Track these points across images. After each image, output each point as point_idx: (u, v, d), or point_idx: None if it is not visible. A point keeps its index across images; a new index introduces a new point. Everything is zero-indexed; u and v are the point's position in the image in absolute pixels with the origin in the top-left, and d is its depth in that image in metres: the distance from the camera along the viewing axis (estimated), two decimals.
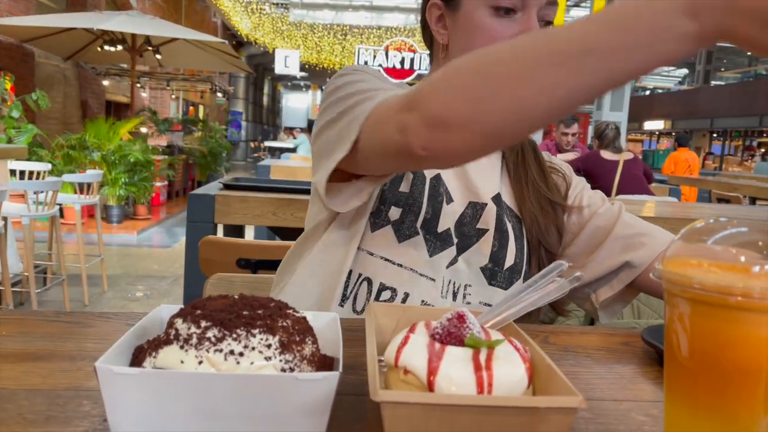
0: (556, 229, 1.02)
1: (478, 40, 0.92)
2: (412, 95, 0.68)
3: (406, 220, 0.93)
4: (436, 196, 0.95)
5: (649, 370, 0.71)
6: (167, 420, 0.48)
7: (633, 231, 0.99)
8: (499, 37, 0.90)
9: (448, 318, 0.53)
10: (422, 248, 0.93)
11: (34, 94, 6.13)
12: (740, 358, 0.43)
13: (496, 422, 0.44)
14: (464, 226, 0.96)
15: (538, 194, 1.03)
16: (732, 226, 0.46)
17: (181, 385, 0.47)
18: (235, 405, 0.48)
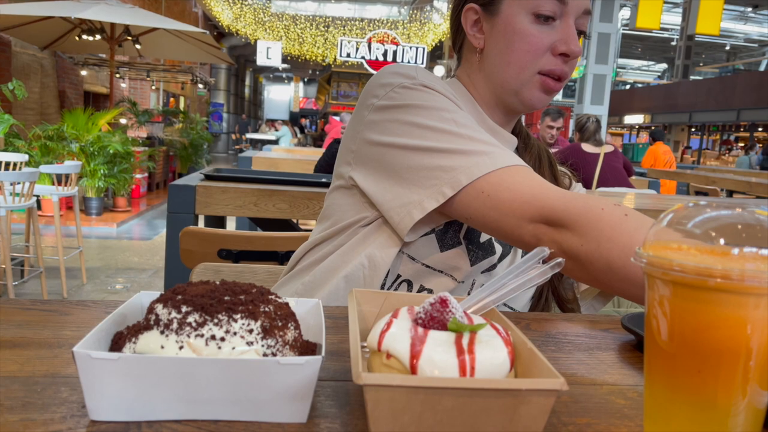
0: None
1: (517, 45, 0.93)
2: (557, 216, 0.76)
3: (450, 230, 0.93)
4: None
5: (629, 355, 0.72)
6: (147, 406, 0.48)
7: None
8: (538, 44, 0.91)
9: (431, 303, 0.53)
10: (464, 258, 0.94)
11: (11, 84, 6.01)
12: (719, 340, 0.44)
13: (478, 404, 0.45)
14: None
15: None
16: (711, 210, 0.46)
17: (161, 370, 0.47)
18: (217, 390, 0.48)
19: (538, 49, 0.92)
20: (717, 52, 27.90)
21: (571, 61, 0.95)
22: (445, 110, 0.88)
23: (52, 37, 8.40)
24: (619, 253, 0.72)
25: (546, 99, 0.97)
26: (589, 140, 4.55)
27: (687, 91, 22.31)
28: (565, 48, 0.92)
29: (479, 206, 0.81)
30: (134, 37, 8.45)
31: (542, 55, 0.93)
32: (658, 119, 24.82)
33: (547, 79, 0.94)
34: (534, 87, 0.95)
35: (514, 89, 0.96)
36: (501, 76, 0.97)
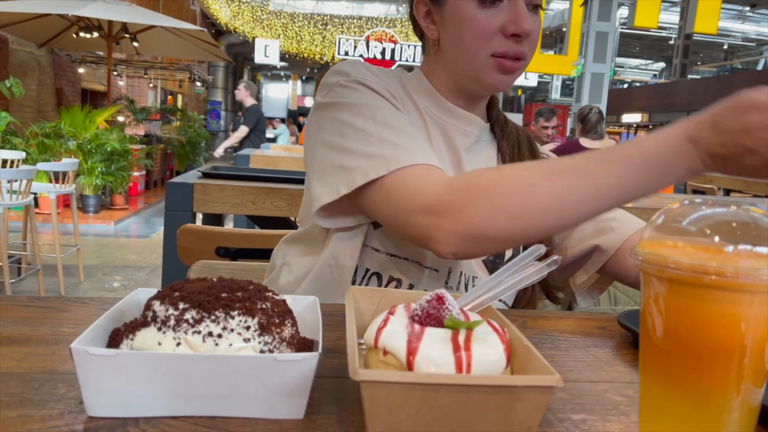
0: None
1: (466, 33, 0.92)
2: (439, 203, 0.75)
3: None
4: None
5: (625, 352, 0.72)
6: (144, 402, 0.48)
7: (604, 215, 0.99)
8: (486, 28, 0.90)
9: (427, 300, 0.53)
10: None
11: (8, 81, 6.00)
12: (713, 337, 0.44)
13: (474, 401, 0.45)
14: None
15: None
16: (706, 207, 0.47)
17: (158, 367, 0.47)
18: (214, 386, 0.48)
19: (487, 34, 0.91)
20: (715, 51, 27.94)
21: (526, 39, 0.93)
22: (367, 107, 0.89)
23: (49, 35, 8.38)
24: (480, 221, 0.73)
25: (508, 79, 0.96)
26: (590, 132, 4.51)
27: (685, 90, 22.33)
28: (514, 28, 0.91)
29: (375, 203, 0.83)
30: (132, 34, 8.43)
31: (492, 38, 0.91)
32: (656, 118, 24.84)
33: (503, 60, 0.93)
34: (491, 70, 0.94)
35: (473, 76, 0.96)
36: (457, 64, 0.97)
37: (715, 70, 27.98)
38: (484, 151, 1.04)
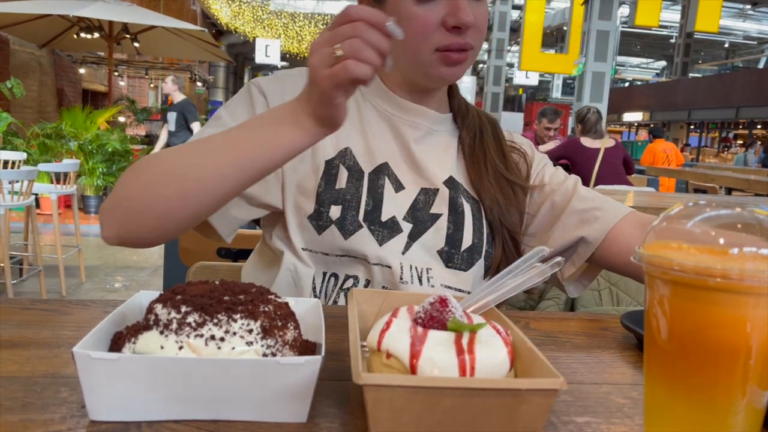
0: (517, 210, 1.02)
1: (407, 31, 0.88)
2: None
3: (348, 216, 0.93)
4: (377, 188, 0.95)
5: (629, 354, 0.72)
6: (146, 406, 0.48)
7: (587, 205, 0.99)
8: (425, 23, 0.89)
9: (430, 302, 0.53)
10: (370, 239, 0.93)
11: (9, 82, 6.01)
12: (719, 340, 0.44)
13: (478, 404, 0.45)
14: (418, 211, 0.97)
15: (497, 175, 1.03)
16: (711, 209, 0.46)
17: (160, 371, 0.47)
18: (217, 390, 0.48)
19: (427, 29, 0.90)
20: (716, 49, 27.90)
21: (470, 30, 0.91)
22: (227, 107, 0.96)
23: (50, 35, 8.38)
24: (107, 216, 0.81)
25: (456, 71, 0.95)
26: (590, 132, 4.51)
27: (686, 89, 22.30)
28: (453, 21, 0.89)
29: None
30: (132, 35, 8.43)
31: (433, 32, 0.90)
32: (657, 117, 24.82)
33: (448, 53, 0.92)
34: (438, 64, 0.93)
35: (420, 71, 0.95)
36: (403, 62, 0.96)
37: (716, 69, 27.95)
38: (440, 142, 1.03)
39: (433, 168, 1.00)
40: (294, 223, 0.94)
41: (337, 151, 0.97)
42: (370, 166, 0.97)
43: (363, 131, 1.00)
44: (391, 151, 0.99)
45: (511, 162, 1.06)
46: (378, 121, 1.01)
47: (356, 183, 0.95)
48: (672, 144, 8.54)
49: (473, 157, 1.04)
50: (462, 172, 1.03)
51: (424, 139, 1.01)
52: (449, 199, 0.98)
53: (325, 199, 0.93)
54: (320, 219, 0.93)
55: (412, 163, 0.99)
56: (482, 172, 1.03)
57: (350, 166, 0.96)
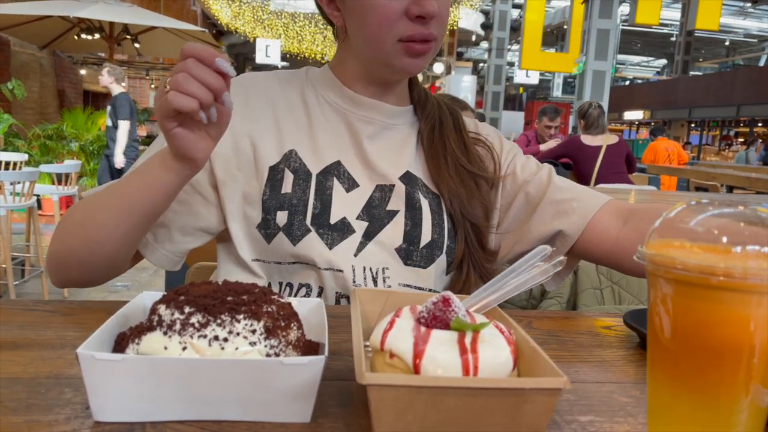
0: (481, 203, 0.99)
1: (369, 19, 0.89)
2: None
3: (295, 221, 0.91)
4: (325, 189, 0.93)
5: (632, 353, 0.72)
6: (151, 406, 0.48)
7: (564, 196, 0.98)
8: (389, 12, 0.87)
9: (433, 302, 0.53)
10: (319, 243, 0.91)
11: (10, 84, 6.02)
12: (722, 338, 0.44)
13: (481, 404, 0.45)
14: (374, 209, 0.95)
15: (458, 167, 1.00)
16: (713, 208, 0.46)
17: (164, 371, 0.47)
18: (220, 390, 0.48)
19: (390, 18, 0.88)
20: (716, 47, 27.88)
21: (434, 21, 0.89)
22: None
23: (50, 37, 8.39)
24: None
25: (418, 62, 0.93)
26: (592, 127, 4.47)
27: (686, 87, 22.28)
28: (417, 10, 0.87)
29: None
30: (133, 35, 8.44)
31: (397, 22, 0.88)
32: (658, 115, 24.80)
33: (411, 44, 0.90)
34: (400, 55, 0.91)
35: (383, 62, 0.93)
36: (365, 52, 0.94)
37: (716, 67, 27.92)
38: (397, 136, 1.01)
39: (388, 164, 0.98)
40: (241, 235, 0.93)
41: (281, 155, 0.94)
42: (318, 166, 0.95)
43: (311, 131, 0.97)
44: (344, 148, 0.97)
45: (473, 154, 1.04)
46: (332, 117, 0.99)
47: (303, 186, 0.93)
48: (675, 142, 8.52)
49: (432, 149, 1.01)
50: (421, 166, 1.01)
51: (378, 135, 0.99)
52: (405, 194, 0.96)
53: (270, 205, 0.91)
54: (268, 227, 0.91)
55: (365, 160, 0.97)
56: (441, 164, 1.00)
57: (296, 168, 0.94)
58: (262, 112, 0.97)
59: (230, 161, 0.93)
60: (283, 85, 1.01)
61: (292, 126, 0.97)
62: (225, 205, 0.93)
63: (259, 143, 0.94)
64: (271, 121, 0.96)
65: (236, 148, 0.94)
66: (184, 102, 0.68)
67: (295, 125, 0.97)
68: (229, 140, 0.92)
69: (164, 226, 0.90)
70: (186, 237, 0.94)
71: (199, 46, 0.69)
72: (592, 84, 11.06)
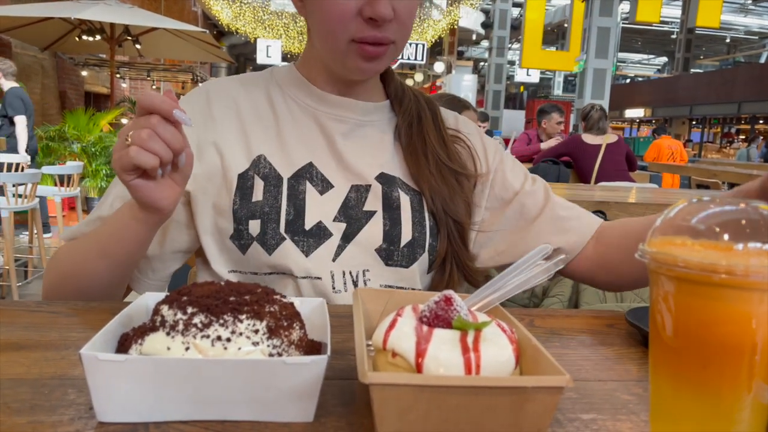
0: (463, 200, 0.97)
1: (323, 15, 0.87)
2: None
3: (269, 230, 0.88)
4: (297, 194, 0.90)
5: (634, 350, 0.72)
6: (154, 407, 0.48)
7: (564, 213, 0.97)
8: (342, 10, 0.84)
9: (435, 301, 0.53)
10: (295, 251, 0.88)
11: None
12: (724, 335, 0.44)
13: (484, 402, 0.45)
14: (351, 209, 0.92)
15: (439, 164, 0.97)
16: (715, 205, 0.46)
17: (167, 372, 0.47)
18: (224, 391, 0.48)
19: (344, 17, 0.84)
20: (717, 44, 27.84)
21: (391, 24, 0.85)
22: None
23: (52, 38, 8.39)
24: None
25: (371, 66, 0.89)
26: (593, 128, 4.51)
27: (687, 85, 22.26)
28: (369, 11, 0.83)
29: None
30: (134, 37, 8.44)
31: (350, 21, 0.84)
32: (659, 113, 24.78)
33: (363, 46, 0.86)
34: (353, 56, 0.88)
35: (338, 62, 0.90)
36: (322, 48, 0.91)
37: (717, 64, 27.89)
38: (372, 133, 0.98)
39: (363, 163, 0.95)
40: (216, 249, 0.91)
41: (250, 162, 0.91)
42: (289, 170, 0.92)
43: (280, 133, 0.94)
44: (317, 149, 0.94)
45: (453, 152, 1.01)
46: (301, 117, 0.96)
47: (274, 192, 0.90)
48: (678, 141, 8.54)
49: (411, 146, 0.98)
50: (400, 163, 0.98)
51: (352, 133, 0.96)
52: (382, 194, 0.94)
53: (242, 215, 0.89)
54: (241, 237, 0.88)
55: (339, 160, 0.94)
56: (421, 161, 0.97)
57: (266, 174, 0.91)
58: (227, 118, 0.94)
59: (198, 174, 0.90)
60: (248, 88, 0.98)
61: (259, 130, 0.94)
62: (197, 220, 0.91)
63: (225, 151, 0.91)
64: (236, 126, 0.94)
65: (203, 160, 0.91)
66: (147, 159, 0.69)
67: (263, 129, 0.94)
68: (195, 152, 0.89)
69: (144, 257, 0.89)
70: (166, 263, 0.94)
71: (159, 98, 0.70)
72: (592, 82, 11.06)
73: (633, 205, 2.48)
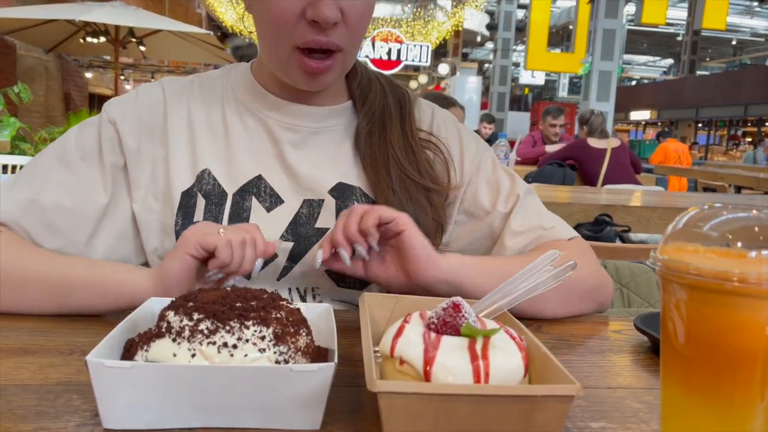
0: (432, 218, 0.88)
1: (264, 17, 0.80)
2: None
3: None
4: (241, 212, 0.85)
5: (643, 357, 0.71)
6: (160, 414, 0.48)
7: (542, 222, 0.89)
8: (282, 12, 0.76)
9: (443, 307, 0.52)
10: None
11: (16, 87, 6.04)
12: (737, 343, 0.43)
13: (493, 411, 0.44)
14: (300, 227, 0.85)
15: (404, 179, 0.87)
16: (727, 212, 0.46)
17: (173, 379, 0.47)
18: (230, 398, 0.47)
19: (285, 19, 0.76)
20: (723, 46, 27.77)
21: (338, 28, 0.77)
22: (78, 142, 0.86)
23: (56, 40, 8.42)
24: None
25: (314, 81, 0.81)
26: (594, 134, 4.51)
27: (693, 87, 22.21)
28: (312, 13, 0.75)
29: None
30: (138, 38, 8.46)
31: (293, 25, 0.76)
32: (665, 115, 24.72)
33: (304, 59, 0.78)
34: (296, 68, 0.80)
35: (280, 69, 0.83)
36: (265, 54, 0.84)
37: (723, 66, 27.81)
38: (328, 141, 0.90)
39: (317, 175, 0.87)
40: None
41: (194, 177, 0.85)
42: (234, 185, 0.85)
43: (228, 144, 0.87)
44: (265, 160, 0.87)
45: (423, 161, 0.90)
46: (252, 124, 0.89)
47: (215, 211, 0.84)
48: (684, 145, 8.55)
49: (371, 158, 0.89)
50: (358, 175, 0.89)
51: (305, 142, 0.89)
52: (336, 210, 0.86)
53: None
54: None
55: (290, 172, 0.87)
56: (381, 176, 0.87)
57: (208, 191, 0.85)
58: (178, 127, 0.88)
59: (148, 191, 0.86)
60: (204, 92, 0.91)
61: (207, 141, 0.88)
62: (144, 240, 0.86)
63: (171, 165, 0.86)
64: (185, 137, 0.88)
65: (153, 176, 0.86)
66: (226, 255, 0.69)
67: (211, 140, 0.88)
68: (147, 168, 0.86)
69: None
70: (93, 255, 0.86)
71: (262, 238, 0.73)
72: (598, 84, 11.04)
73: (638, 208, 2.47)
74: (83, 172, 0.85)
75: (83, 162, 0.85)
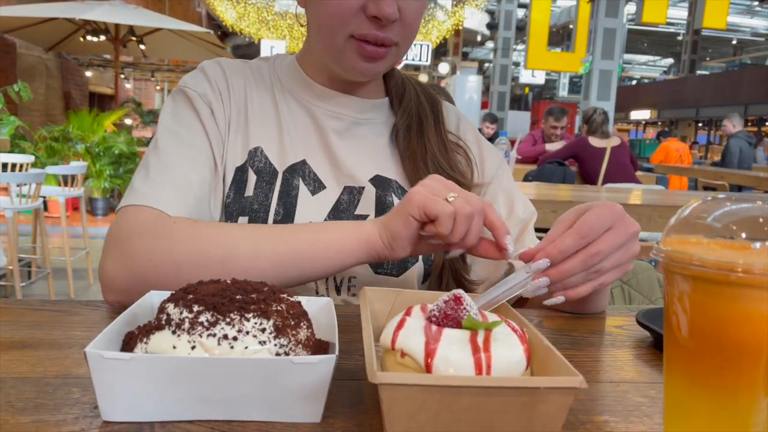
0: None
1: (323, 8, 0.83)
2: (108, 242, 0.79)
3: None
4: (290, 191, 0.87)
5: (645, 352, 0.71)
6: (159, 406, 0.47)
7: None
8: (343, 5, 0.80)
9: (444, 300, 0.52)
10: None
11: (16, 86, 6.03)
12: (741, 335, 0.43)
13: (495, 403, 0.44)
14: (341, 213, 0.88)
15: (440, 172, 0.90)
16: (730, 203, 0.45)
17: (173, 371, 0.46)
18: (230, 390, 0.47)
19: (345, 12, 0.80)
20: (724, 46, 27.76)
21: (395, 25, 0.81)
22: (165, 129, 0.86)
23: (56, 39, 8.42)
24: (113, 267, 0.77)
25: (371, 67, 0.85)
26: (596, 132, 4.51)
27: (694, 86, 22.20)
28: (374, 9, 0.79)
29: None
30: (138, 37, 8.46)
31: (352, 17, 0.80)
32: (665, 115, 24.72)
33: (362, 44, 0.82)
34: (351, 53, 0.83)
35: (333, 57, 0.86)
36: (319, 43, 0.87)
37: (724, 66, 27.80)
38: (369, 133, 0.94)
39: (358, 164, 0.91)
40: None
41: (247, 153, 0.89)
42: (284, 164, 0.89)
43: (279, 126, 0.91)
44: (311, 147, 0.91)
45: (454, 159, 0.95)
46: (298, 112, 0.93)
47: (266, 188, 0.87)
48: (684, 144, 8.57)
49: (409, 151, 0.93)
50: (396, 166, 0.94)
51: (348, 131, 0.93)
52: (376, 198, 0.90)
53: (233, 210, 0.85)
54: None
55: (332, 159, 0.91)
56: (420, 168, 0.91)
57: (260, 168, 0.88)
58: (235, 105, 0.91)
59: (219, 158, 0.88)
60: (256, 76, 0.95)
61: (259, 121, 0.91)
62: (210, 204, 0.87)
63: (230, 138, 0.89)
64: (242, 114, 0.91)
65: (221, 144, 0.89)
66: (444, 228, 0.67)
67: (263, 120, 0.91)
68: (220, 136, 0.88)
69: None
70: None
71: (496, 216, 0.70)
72: (598, 84, 11.03)
73: (639, 207, 2.46)
74: (199, 143, 0.86)
75: (194, 136, 0.86)
